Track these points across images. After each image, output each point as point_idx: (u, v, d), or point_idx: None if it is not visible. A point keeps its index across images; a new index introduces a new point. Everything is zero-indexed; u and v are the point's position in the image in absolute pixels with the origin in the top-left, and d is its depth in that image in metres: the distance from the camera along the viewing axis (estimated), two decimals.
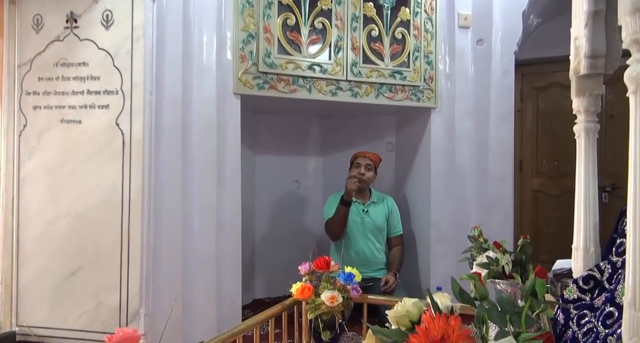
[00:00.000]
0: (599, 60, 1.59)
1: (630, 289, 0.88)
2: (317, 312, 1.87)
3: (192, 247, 2.61)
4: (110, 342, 0.99)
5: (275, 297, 3.44)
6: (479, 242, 2.05)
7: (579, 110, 1.67)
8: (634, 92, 0.92)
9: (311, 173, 3.90)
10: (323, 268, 1.99)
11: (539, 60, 4.00)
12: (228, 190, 2.75)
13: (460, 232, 3.09)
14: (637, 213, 0.88)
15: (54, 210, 2.46)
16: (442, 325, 0.79)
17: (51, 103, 2.47)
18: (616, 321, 1.13)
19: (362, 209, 3.26)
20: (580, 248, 1.60)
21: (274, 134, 3.70)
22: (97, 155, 2.42)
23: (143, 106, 2.39)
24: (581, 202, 1.61)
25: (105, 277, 2.40)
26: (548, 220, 4.14)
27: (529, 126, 4.25)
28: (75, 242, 2.43)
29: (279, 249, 3.64)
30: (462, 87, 3.28)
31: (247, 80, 2.74)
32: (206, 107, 2.65)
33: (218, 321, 2.61)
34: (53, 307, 2.45)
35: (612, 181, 3.74)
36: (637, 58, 0.92)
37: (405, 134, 3.64)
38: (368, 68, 3.03)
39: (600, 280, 1.42)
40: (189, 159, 2.60)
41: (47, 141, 2.49)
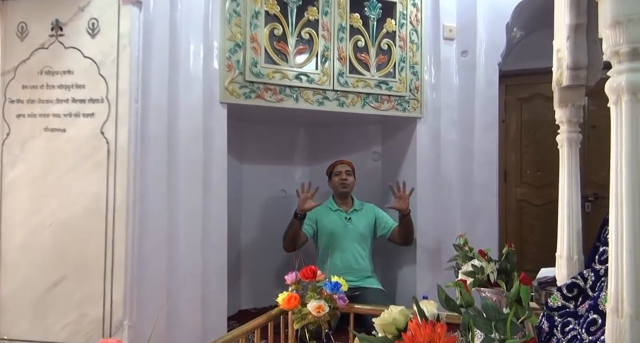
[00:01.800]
0: (580, 71, 1.62)
1: (613, 296, 0.89)
2: (304, 321, 1.87)
3: (178, 256, 2.59)
4: None
5: (262, 307, 3.41)
6: (464, 250, 2.07)
7: (561, 121, 1.70)
8: (615, 102, 0.95)
9: (298, 182, 3.87)
10: (309, 278, 1.98)
11: (523, 71, 4.06)
12: (214, 199, 2.74)
13: (445, 241, 3.11)
14: (619, 221, 0.89)
15: (37, 219, 2.42)
16: (429, 332, 0.80)
17: (35, 111, 2.44)
18: (600, 328, 1.15)
19: (345, 217, 3.29)
20: (564, 256, 1.63)
21: (260, 143, 3.70)
22: (81, 163, 2.39)
23: (128, 114, 2.37)
24: (564, 210, 1.64)
25: (89, 287, 2.36)
26: (532, 229, 4.19)
27: (513, 136, 4.30)
28: (58, 252, 2.39)
29: (265, 259, 3.62)
30: (447, 97, 3.31)
31: (233, 89, 2.74)
32: (192, 115, 2.64)
33: (203, 332, 2.59)
34: (35, 318, 2.40)
35: (595, 190, 3.79)
36: (617, 69, 0.94)
37: (391, 144, 3.66)
38: (354, 78, 3.05)
39: (583, 288, 1.44)
40: (174, 167, 2.58)
41: (30, 150, 2.45)
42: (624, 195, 0.89)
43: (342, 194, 3.33)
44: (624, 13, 0.90)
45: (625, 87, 0.91)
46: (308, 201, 3.09)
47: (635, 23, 0.90)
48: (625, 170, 0.90)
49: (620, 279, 0.89)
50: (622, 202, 0.89)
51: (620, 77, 0.93)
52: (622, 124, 0.93)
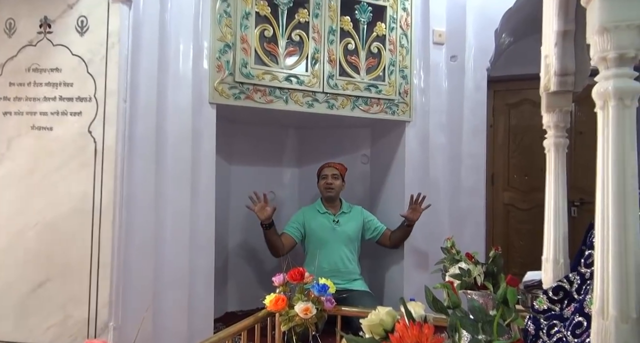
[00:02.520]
0: (568, 78, 1.64)
1: (599, 298, 0.90)
2: (291, 323, 1.86)
3: (164, 258, 2.56)
4: None
5: (248, 309, 3.40)
6: (452, 253, 2.09)
7: (549, 126, 1.71)
8: (602, 107, 0.96)
9: (287, 184, 3.89)
10: (297, 280, 1.98)
11: (511, 77, 4.10)
12: (202, 200, 2.72)
13: (433, 244, 3.12)
14: (605, 224, 0.90)
15: (22, 219, 2.38)
16: (416, 333, 0.80)
17: (22, 109, 2.41)
18: (585, 330, 1.16)
19: (333, 219, 3.29)
20: (550, 259, 1.64)
21: (249, 144, 3.69)
22: (68, 163, 2.36)
23: (117, 114, 2.35)
24: (551, 214, 1.65)
25: (73, 288, 2.33)
26: (519, 233, 4.22)
27: (501, 141, 4.34)
28: (43, 253, 2.36)
29: (252, 261, 3.61)
30: (436, 101, 3.33)
31: (223, 90, 2.73)
32: (181, 115, 2.62)
33: (189, 334, 2.57)
34: (19, 319, 2.36)
35: (581, 196, 3.83)
36: (604, 75, 0.95)
37: (380, 147, 3.68)
38: (344, 80, 3.06)
39: (569, 291, 1.45)
40: (162, 168, 2.56)
41: (16, 148, 2.42)
42: (610, 199, 0.90)
43: (328, 198, 3.33)
44: (612, 20, 0.92)
45: (612, 92, 0.93)
46: (264, 209, 3.03)
47: (622, 30, 0.91)
48: (611, 174, 0.91)
49: (606, 282, 0.89)
50: (609, 205, 0.90)
51: (607, 83, 0.94)
52: (608, 129, 0.94)
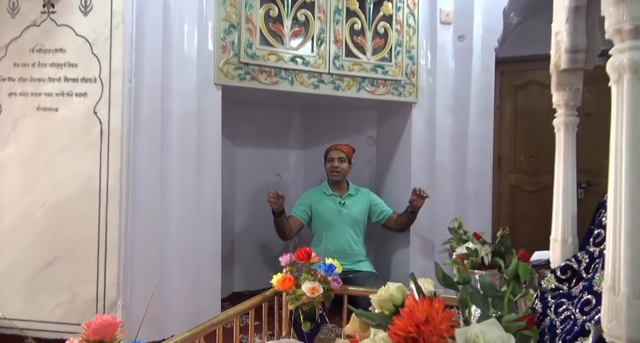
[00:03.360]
0: (579, 55, 1.61)
1: (610, 275, 0.89)
2: (298, 303, 1.87)
3: (171, 238, 2.58)
4: (89, 328, 0.98)
5: (255, 290, 3.42)
6: (459, 233, 2.08)
7: (558, 104, 1.69)
8: (616, 81, 0.94)
9: (292, 166, 3.89)
10: (304, 260, 1.99)
11: (519, 58, 4.04)
12: (208, 182, 2.72)
13: (439, 226, 3.12)
14: (618, 200, 0.89)
15: (29, 199, 2.40)
16: (426, 308, 0.80)
17: (27, 90, 2.41)
18: (594, 308, 1.15)
19: (339, 202, 3.28)
20: (559, 239, 1.63)
21: (255, 126, 3.68)
22: (74, 144, 2.37)
23: (122, 95, 2.34)
24: (560, 193, 1.64)
25: (81, 268, 2.35)
26: (525, 216, 4.21)
27: (508, 123, 4.30)
28: (51, 232, 2.38)
29: (258, 242, 3.62)
30: (442, 82, 3.30)
31: (228, 71, 2.71)
32: (186, 97, 2.61)
33: (197, 313, 2.59)
34: (28, 298, 2.39)
35: (588, 178, 3.80)
36: (619, 48, 0.93)
37: (386, 129, 3.65)
38: (350, 61, 3.03)
39: (577, 270, 1.44)
40: (168, 149, 2.56)
41: (22, 129, 2.42)
42: (623, 175, 0.89)
43: (334, 181, 3.32)
44: None
45: (627, 65, 0.91)
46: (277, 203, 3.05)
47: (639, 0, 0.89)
48: (625, 150, 0.89)
49: (617, 259, 0.88)
50: (622, 181, 0.89)
51: (622, 56, 0.92)
52: (623, 103, 0.92)
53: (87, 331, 0.96)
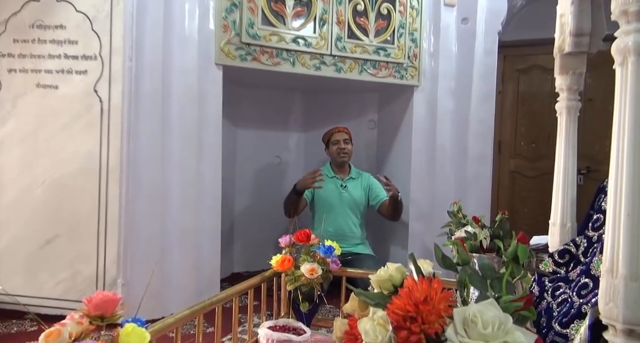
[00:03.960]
0: (583, 38, 1.60)
1: (609, 257, 0.89)
2: (297, 283, 1.88)
3: (172, 217, 2.58)
4: (90, 304, 0.98)
5: (254, 271, 3.44)
6: (458, 217, 2.09)
7: (561, 88, 1.68)
8: (621, 63, 0.93)
9: (292, 149, 3.88)
10: (303, 241, 2.00)
11: (522, 42, 4.02)
12: (209, 162, 2.72)
13: (438, 210, 3.13)
14: (619, 184, 0.89)
15: (29, 176, 2.40)
16: (425, 288, 0.80)
17: (27, 66, 2.39)
18: (591, 291, 1.16)
19: (341, 185, 3.29)
20: (558, 223, 1.64)
21: (256, 107, 3.66)
22: (74, 121, 2.36)
23: (122, 73, 2.33)
24: (560, 178, 1.64)
25: (82, 245, 2.37)
26: (524, 201, 4.22)
27: (509, 108, 4.29)
28: (51, 210, 2.38)
29: (258, 224, 3.64)
30: (445, 65, 3.28)
31: (229, 51, 2.69)
32: (187, 76, 2.59)
33: (196, 293, 2.61)
34: (29, 274, 2.41)
35: (588, 164, 3.81)
36: (625, 30, 0.92)
37: (388, 112, 3.64)
38: (353, 43, 3.00)
39: (575, 254, 1.45)
40: (169, 128, 2.55)
41: (22, 106, 2.41)
42: (625, 157, 0.88)
43: (340, 163, 3.31)
44: None
45: (632, 47, 0.90)
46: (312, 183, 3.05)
47: None
48: (627, 133, 0.89)
49: (617, 241, 0.89)
50: (623, 164, 0.88)
51: (627, 38, 0.91)
52: (626, 86, 0.91)
53: (88, 306, 0.97)
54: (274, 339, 1.67)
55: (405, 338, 0.75)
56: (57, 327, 0.90)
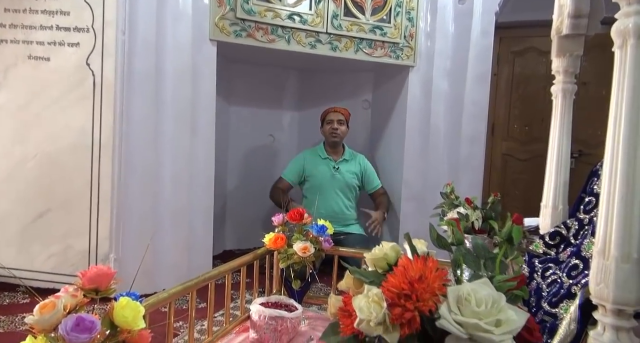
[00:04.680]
0: (581, 20, 1.59)
1: (601, 239, 0.91)
2: (289, 261, 1.90)
3: (164, 195, 2.58)
4: (84, 277, 0.98)
5: (246, 248, 3.46)
6: (451, 198, 2.10)
7: (557, 71, 1.68)
8: (620, 46, 0.93)
9: (286, 128, 3.87)
10: (296, 220, 2.00)
11: (518, 23, 3.98)
12: (202, 139, 2.71)
13: (430, 191, 3.14)
14: (614, 166, 0.90)
15: (21, 150, 2.37)
16: (420, 266, 0.81)
17: (18, 37, 2.34)
18: (581, 272, 1.18)
19: (334, 166, 3.28)
20: (550, 206, 1.65)
21: (250, 85, 3.63)
22: (66, 95, 2.33)
23: (115, 46, 2.29)
24: (553, 160, 1.65)
25: (74, 220, 2.36)
26: (515, 183, 4.24)
27: (503, 90, 4.27)
28: (43, 184, 2.37)
29: (250, 202, 3.64)
30: (441, 46, 3.25)
31: (224, 27, 2.65)
32: (181, 52, 2.56)
33: (189, 269, 2.62)
34: (21, 248, 2.41)
35: (580, 147, 3.82)
36: (625, 12, 0.92)
37: (382, 92, 3.63)
38: (349, 21, 2.97)
39: (566, 236, 1.47)
40: (162, 104, 2.52)
41: (13, 77, 2.37)
42: (621, 140, 0.89)
43: (332, 143, 3.30)
44: None
45: (632, 30, 0.90)
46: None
47: None
48: (624, 115, 0.89)
49: (609, 223, 0.90)
50: (619, 147, 0.89)
51: (627, 20, 0.91)
52: (625, 68, 0.91)
53: (82, 280, 0.97)
54: (266, 315, 1.69)
55: (400, 315, 0.76)
56: (52, 299, 0.90)
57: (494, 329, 0.72)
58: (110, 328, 0.93)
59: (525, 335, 0.77)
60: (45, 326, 0.88)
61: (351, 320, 0.81)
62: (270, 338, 1.68)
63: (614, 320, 0.87)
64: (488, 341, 0.72)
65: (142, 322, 0.95)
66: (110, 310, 0.94)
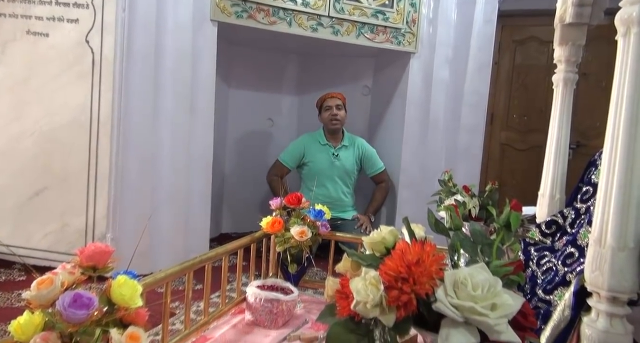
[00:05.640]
0: (585, 9, 1.59)
1: (598, 228, 0.91)
2: (286, 245, 1.91)
3: (162, 176, 2.57)
4: (82, 254, 0.98)
5: (242, 232, 3.46)
6: (448, 186, 2.10)
7: (560, 60, 1.68)
8: (624, 34, 0.93)
9: (285, 112, 3.85)
10: (294, 204, 2.01)
11: (520, 12, 3.96)
12: (200, 121, 2.69)
13: (427, 179, 3.14)
14: (613, 156, 0.90)
15: (19, 126, 2.35)
16: (418, 250, 0.81)
17: (17, 11, 2.30)
18: (576, 260, 1.19)
19: (333, 153, 3.26)
20: (547, 195, 1.66)
21: (249, 68, 3.61)
22: (65, 72, 2.30)
23: (115, 24, 2.26)
24: (552, 149, 1.65)
25: (71, 198, 2.35)
26: (512, 173, 4.25)
27: (504, 79, 4.27)
28: (41, 161, 2.35)
29: (247, 185, 3.64)
30: (443, 33, 3.23)
31: (225, 7, 2.63)
32: (181, 31, 2.53)
33: (185, 251, 2.62)
34: (17, 224, 2.40)
35: (578, 139, 3.83)
36: (630, 0, 0.92)
37: (383, 79, 3.61)
38: (351, 5, 2.94)
39: (562, 225, 1.48)
40: (161, 84, 2.50)
41: (12, 52, 2.34)
42: (621, 129, 0.89)
43: (332, 130, 3.27)
44: None
45: (636, 18, 0.89)
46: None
47: None
48: (625, 102, 0.89)
49: (606, 213, 0.90)
50: (619, 136, 0.89)
51: (632, 8, 0.91)
52: (628, 57, 0.91)
53: (80, 257, 0.97)
54: (262, 298, 1.70)
55: (396, 297, 0.77)
56: (50, 276, 0.90)
57: (489, 313, 0.73)
58: (107, 306, 0.94)
59: (520, 319, 0.78)
60: (43, 302, 0.89)
61: (348, 302, 0.82)
62: (265, 320, 1.70)
63: (608, 307, 0.88)
64: (483, 324, 0.73)
65: (139, 300, 0.95)
66: (108, 288, 0.94)
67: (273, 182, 3.22)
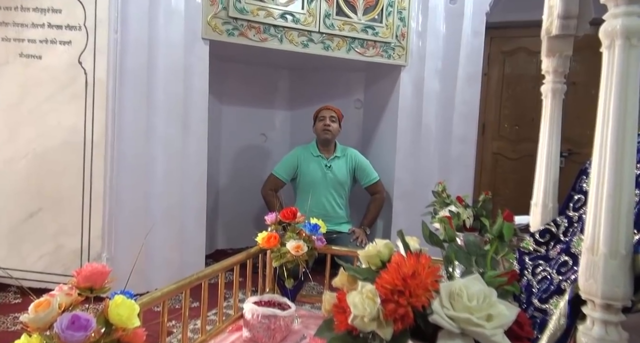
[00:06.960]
0: (571, 21, 1.61)
1: (590, 236, 0.92)
2: (282, 260, 1.91)
3: (156, 194, 2.57)
4: (79, 275, 0.98)
5: (238, 247, 3.46)
6: (442, 197, 2.12)
7: (547, 71, 1.70)
8: (608, 47, 0.94)
9: (278, 127, 3.87)
10: (289, 219, 2.01)
11: (508, 23, 4.02)
12: (194, 138, 2.70)
13: (421, 190, 3.16)
14: (602, 164, 0.91)
15: (12, 148, 2.36)
16: (413, 263, 0.82)
17: (9, 35, 2.32)
18: (570, 269, 1.20)
19: (325, 164, 3.28)
20: (539, 204, 1.67)
21: (242, 84, 3.63)
22: (58, 93, 2.31)
23: (107, 45, 2.28)
24: (543, 159, 1.66)
25: (65, 219, 2.35)
26: (505, 182, 4.28)
27: (494, 90, 4.31)
28: (34, 183, 2.35)
29: (242, 201, 3.64)
30: (432, 46, 3.28)
31: (216, 25, 2.66)
32: (173, 50, 2.56)
33: (181, 268, 2.62)
34: (11, 247, 2.39)
35: (569, 147, 3.86)
36: (613, 13, 0.94)
37: (374, 92, 3.64)
38: (341, 21, 2.98)
39: (556, 234, 1.49)
40: (154, 103, 2.52)
41: (5, 75, 2.35)
42: (609, 139, 0.90)
43: (324, 141, 3.28)
44: None
45: (619, 31, 0.91)
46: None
47: None
48: (612, 115, 0.91)
49: (598, 220, 0.91)
50: (607, 146, 0.91)
51: (615, 21, 0.93)
52: (613, 69, 0.93)
53: (77, 278, 0.97)
54: (259, 314, 1.70)
55: (393, 310, 0.77)
56: (47, 298, 0.90)
57: (485, 324, 0.74)
58: (105, 327, 0.94)
59: (517, 329, 0.79)
60: (40, 324, 0.88)
61: (345, 316, 0.82)
62: (263, 336, 1.69)
63: (603, 315, 0.89)
64: (480, 335, 0.73)
65: (137, 320, 0.95)
66: (105, 308, 0.94)
67: (268, 196, 3.22)
